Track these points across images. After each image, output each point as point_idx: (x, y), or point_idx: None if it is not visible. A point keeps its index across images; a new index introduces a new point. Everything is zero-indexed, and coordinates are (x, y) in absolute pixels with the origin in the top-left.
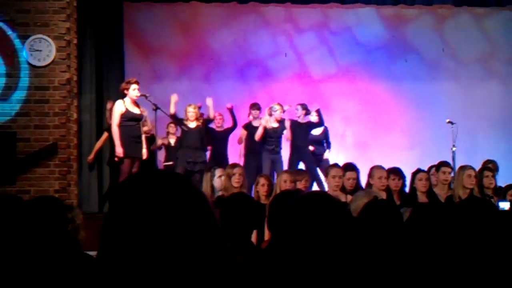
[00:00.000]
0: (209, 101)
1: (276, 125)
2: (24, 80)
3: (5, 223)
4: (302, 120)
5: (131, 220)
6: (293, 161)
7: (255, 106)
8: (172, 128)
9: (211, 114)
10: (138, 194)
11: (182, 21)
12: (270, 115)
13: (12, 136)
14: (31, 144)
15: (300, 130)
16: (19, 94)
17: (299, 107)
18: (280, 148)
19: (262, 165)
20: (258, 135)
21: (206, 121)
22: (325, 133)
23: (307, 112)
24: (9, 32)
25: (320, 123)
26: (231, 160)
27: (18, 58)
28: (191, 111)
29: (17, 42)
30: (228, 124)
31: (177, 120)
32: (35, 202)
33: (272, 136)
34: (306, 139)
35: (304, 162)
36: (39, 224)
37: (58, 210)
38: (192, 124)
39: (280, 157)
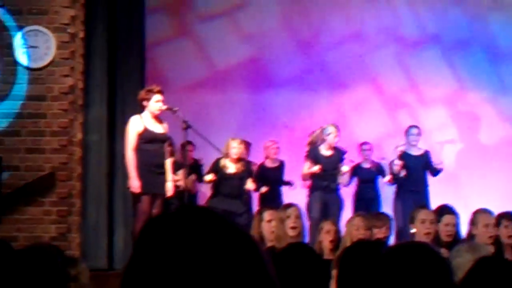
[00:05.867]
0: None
1: (329, 152)
2: (19, 87)
3: None
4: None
5: (160, 277)
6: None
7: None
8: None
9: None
10: (169, 242)
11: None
12: (322, 140)
13: None
14: (20, 174)
15: (414, 165)
16: (9, 106)
17: (414, 130)
18: (338, 185)
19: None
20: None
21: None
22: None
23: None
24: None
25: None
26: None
27: (11, 57)
28: (235, 147)
29: (12, 33)
30: (285, 155)
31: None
32: (27, 253)
33: (325, 169)
34: (423, 179)
35: None
36: (31, 283)
37: (58, 264)
38: (232, 168)
39: (338, 197)
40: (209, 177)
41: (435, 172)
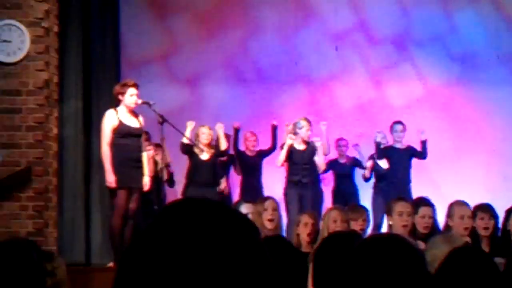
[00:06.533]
0: (219, 128)
1: (302, 147)
2: None
3: None
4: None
5: (160, 275)
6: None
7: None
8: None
9: (222, 144)
10: (174, 237)
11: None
12: (295, 133)
13: None
14: None
15: (399, 159)
16: None
17: (398, 126)
18: (316, 179)
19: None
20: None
21: (217, 153)
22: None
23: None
24: None
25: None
26: (269, 194)
27: None
28: (206, 133)
29: None
30: (264, 145)
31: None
32: (2, 247)
33: (297, 162)
34: (407, 173)
35: None
36: (6, 278)
37: (34, 259)
38: (204, 155)
39: (315, 191)
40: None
41: (424, 153)
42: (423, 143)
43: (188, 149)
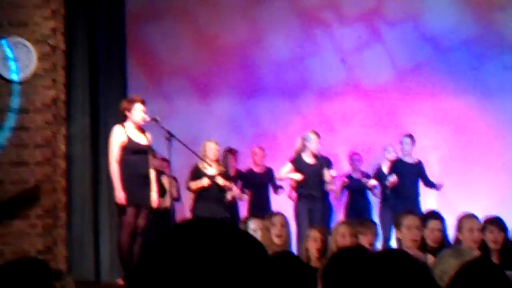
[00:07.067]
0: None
1: (312, 161)
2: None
3: None
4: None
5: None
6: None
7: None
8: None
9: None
10: (184, 261)
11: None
12: (304, 147)
13: None
14: (4, 188)
15: (407, 173)
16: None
17: (407, 139)
18: (325, 192)
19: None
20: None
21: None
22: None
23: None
24: None
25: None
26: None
27: None
28: (213, 148)
29: None
30: (271, 160)
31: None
32: (10, 268)
33: (307, 176)
34: (416, 186)
35: None
36: None
37: (43, 278)
38: (211, 170)
39: (325, 204)
40: (195, 184)
41: (430, 185)
42: (433, 186)
43: (197, 175)
